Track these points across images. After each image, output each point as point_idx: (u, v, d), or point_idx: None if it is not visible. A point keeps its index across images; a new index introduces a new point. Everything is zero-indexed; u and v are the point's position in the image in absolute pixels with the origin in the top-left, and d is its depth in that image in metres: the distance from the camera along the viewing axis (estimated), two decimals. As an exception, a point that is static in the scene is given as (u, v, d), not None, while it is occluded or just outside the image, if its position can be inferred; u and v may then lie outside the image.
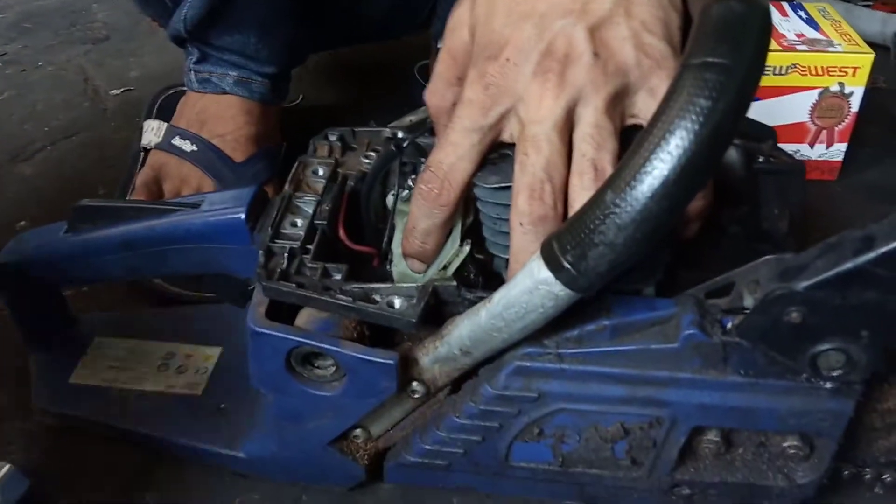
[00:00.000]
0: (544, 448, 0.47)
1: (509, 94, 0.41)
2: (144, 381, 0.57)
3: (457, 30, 0.45)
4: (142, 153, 0.78)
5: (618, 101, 0.41)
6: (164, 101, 0.83)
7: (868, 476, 0.51)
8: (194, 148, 0.75)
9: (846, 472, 0.51)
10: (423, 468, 0.50)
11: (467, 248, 0.46)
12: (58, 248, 0.53)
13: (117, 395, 0.56)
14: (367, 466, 0.51)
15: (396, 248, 0.48)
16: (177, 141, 0.75)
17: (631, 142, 0.36)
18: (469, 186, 0.44)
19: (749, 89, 0.34)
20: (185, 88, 0.79)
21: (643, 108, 0.42)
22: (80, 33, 1.26)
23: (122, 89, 1.08)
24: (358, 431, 0.50)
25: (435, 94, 0.47)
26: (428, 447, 0.48)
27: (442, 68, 0.46)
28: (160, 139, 0.76)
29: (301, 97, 1.02)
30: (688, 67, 0.34)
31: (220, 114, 0.76)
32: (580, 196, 0.40)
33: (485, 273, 0.48)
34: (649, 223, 0.35)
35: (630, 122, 0.42)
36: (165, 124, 0.77)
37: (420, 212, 0.45)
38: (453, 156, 0.43)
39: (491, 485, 0.51)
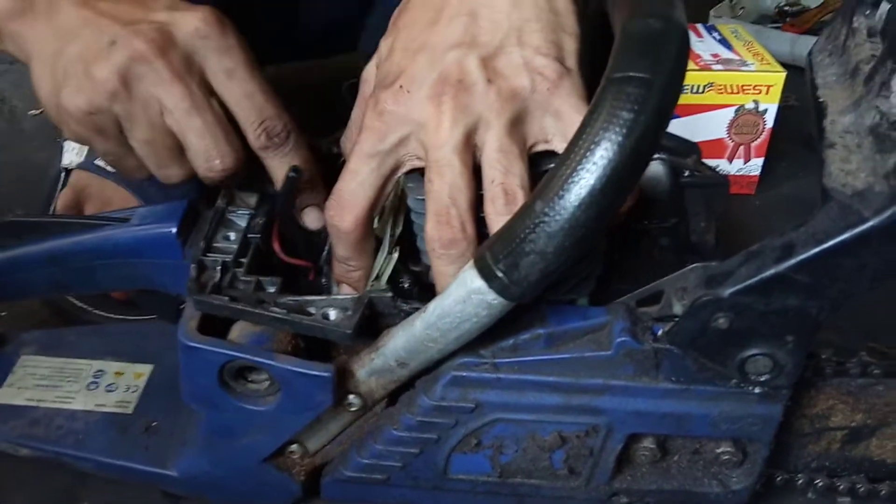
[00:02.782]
0: (483, 459, 0.47)
1: (405, 121, 0.42)
2: (73, 401, 0.55)
3: (366, 81, 0.48)
4: (63, 173, 0.75)
5: (519, 125, 0.42)
6: None
7: (801, 481, 0.52)
8: (112, 169, 0.73)
9: (779, 478, 0.52)
10: (361, 483, 0.49)
11: (396, 255, 0.46)
12: (-19, 263, 0.52)
13: (44, 414, 0.54)
14: (303, 483, 0.50)
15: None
16: (99, 161, 0.72)
17: (545, 170, 0.37)
18: (372, 211, 0.45)
19: (669, 102, 0.35)
20: None
21: (552, 131, 0.42)
22: (-5, 54, 1.23)
23: (41, 110, 1.05)
24: (294, 447, 0.50)
25: (349, 139, 0.50)
26: (366, 461, 0.48)
27: (355, 115, 0.50)
28: (82, 159, 0.73)
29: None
30: (610, 81, 0.35)
31: None
32: (496, 221, 0.41)
33: (420, 284, 0.48)
34: (578, 231, 0.35)
35: (541, 146, 0.43)
36: None
37: (334, 239, 0.46)
38: (353, 182, 0.44)
39: (430, 498, 0.51)
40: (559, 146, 0.42)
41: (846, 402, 0.49)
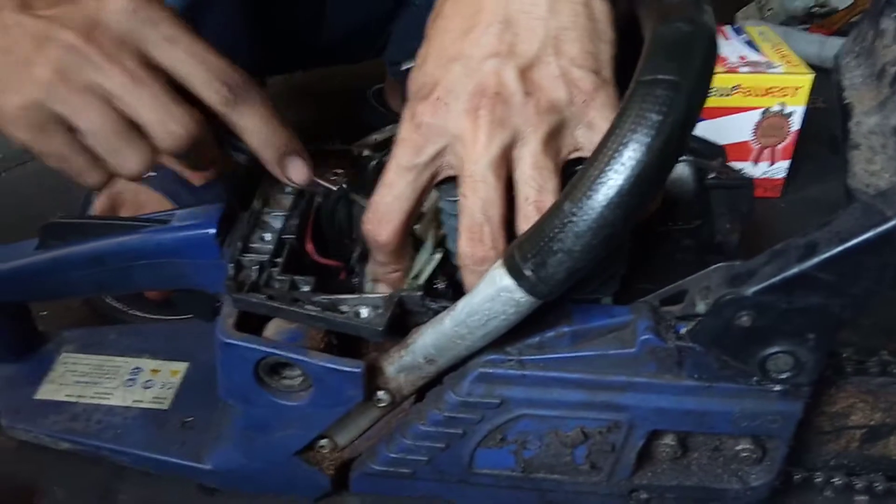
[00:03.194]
0: (507, 454, 0.49)
1: (442, 133, 0.42)
2: (111, 397, 0.57)
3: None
4: None
5: (555, 139, 0.42)
6: None
7: (819, 479, 0.53)
8: (152, 173, 0.73)
9: (797, 476, 0.53)
10: (388, 477, 0.51)
11: (438, 257, 0.47)
12: (27, 263, 0.53)
13: (84, 410, 0.56)
14: (332, 476, 0.52)
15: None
16: None
17: (573, 173, 0.37)
18: (409, 223, 0.45)
19: (696, 104, 0.36)
20: None
21: (585, 141, 0.42)
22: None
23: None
24: (324, 442, 0.51)
25: None
26: (393, 455, 0.49)
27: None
28: None
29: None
30: (639, 84, 0.36)
31: None
32: None
33: (454, 284, 0.49)
34: (605, 230, 0.36)
35: (574, 155, 0.43)
36: None
37: (372, 248, 0.47)
38: (389, 196, 0.44)
39: (455, 492, 0.52)
40: (589, 155, 0.42)
41: (866, 401, 0.49)
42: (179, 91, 0.45)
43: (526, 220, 0.42)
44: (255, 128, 0.47)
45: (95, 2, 0.44)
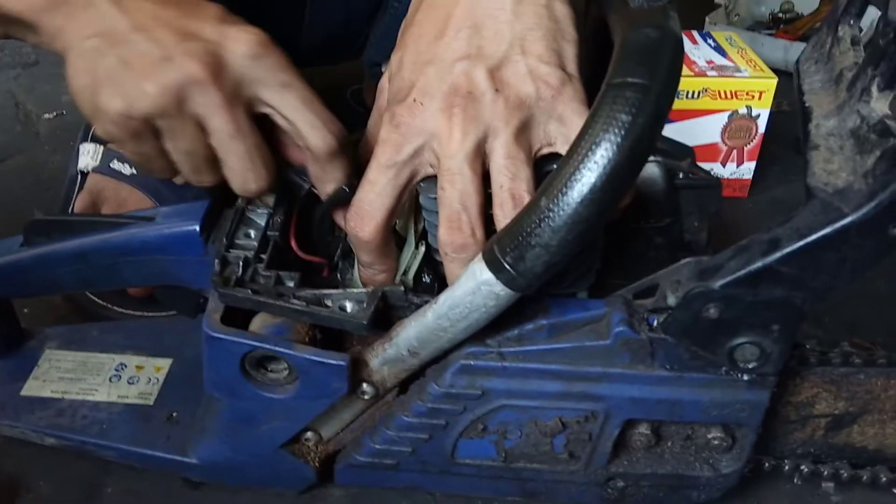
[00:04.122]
0: (488, 444, 0.50)
1: (420, 132, 0.44)
2: (96, 392, 0.58)
3: (381, 91, 0.50)
4: (79, 177, 0.76)
5: (525, 132, 0.44)
6: None
7: (787, 467, 0.55)
8: (133, 171, 0.74)
9: (767, 465, 0.55)
10: (372, 468, 0.52)
11: (423, 250, 0.49)
12: (12, 260, 0.54)
13: (69, 405, 0.57)
14: (317, 469, 0.53)
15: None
16: (115, 164, 0.74)
17: (549, 171, 0.39)
18: (391, 219, 0.47)
19: (664, 105, 0.38)
20: None
21: (556, 135, 0.45)
22: (8, 58, 1.25)
23: (55, 113, 1.08)
24: (309, 434, 0.52)
25: (364, 150, 0.51)
26: (378, 447, 0.51)
27: (371, 125, 0.52)
28: (97, 162, 0.75)
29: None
30: (610, 87, 0.38)
31: None
32: (504, 223, 0.43)
33: (439, 278, 0.50)
34: (580, 225, 0.38)
35: (546, 150, 0.45)
36: (102, 147, 0.76)
37: (356, 247, 0.48)
38: (372, 193, 0.46)
39: (437, 483, 0.53)
40: (562, 149, 0.44)
41: (829, 391, 0.51)
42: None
43: (501, 207, 0.44)
44: (343, 180, 0.49)
45: (218, 31, 0.46)
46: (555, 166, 0.40)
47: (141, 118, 0.45)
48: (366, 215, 0.46)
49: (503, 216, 0.44)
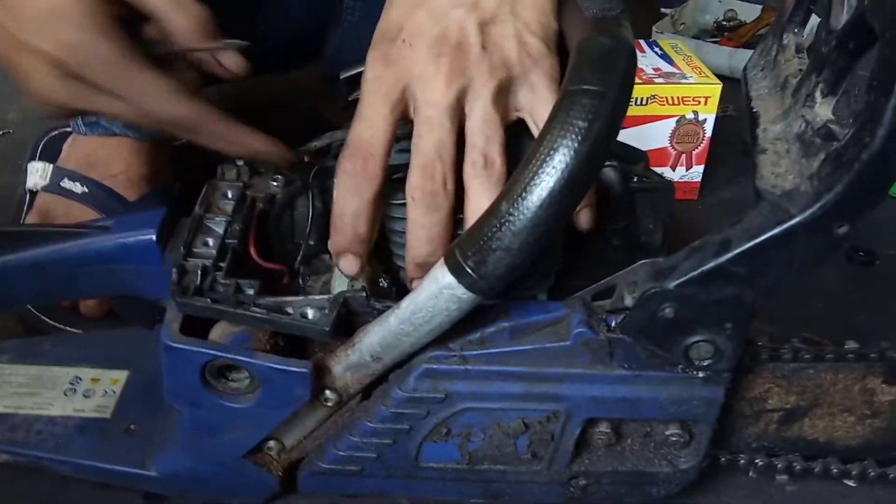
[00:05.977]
0: (452, 447, 0.50)
1: (407, 72, 0.45)
2: (51, 407, 0.57)
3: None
4: (27, 196, 0.75)
5: (502, 94, 0.45)
6: (47, 143, 0.79)
7: (742, 461, 0.56)
8: (85, 190, 0.72)
9: (723, 459, 0.56)
10: (336, 475, 0.52)
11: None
12: (-37, 274, 0.53)
13: (23, 420, 0.56)
14: (280, 478, 0.53)
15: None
16: (66, 183, 0.72)
17: (515, 135, 0.41)
18: (387, 156, 0.46)
19: (619, 112, 0.39)
20: (68, 130, 0.76)
21: (525, 102, 0.46)
22: (-50, 78, 1.21)
23: (1, 132, 1.05)
24: (272, 443, 0.52)
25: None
26: (342, 453, 0.51)
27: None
28: (47, 181, 0.73)
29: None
30: (566, 94, 0.39)
31: (111, 155, 0.74)
32: (472, 182, 0.45)
33: (397, 284, 0.51)
34: (539, 229, 0.39)
35: (514, 115, 0.47)
36: (51, 166, 0.74)
37: (348, 192, 0.46)
38: (369, 129, 0.46)
39: (402, 487, 0.54)
40: (528, 117, 0.46)
41: (781, 386, 0.53)
42: None
43: (472, 165, 0.45)
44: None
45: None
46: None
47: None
48: (368, 151, 0.45)
49: (474, 175, 0.45)
